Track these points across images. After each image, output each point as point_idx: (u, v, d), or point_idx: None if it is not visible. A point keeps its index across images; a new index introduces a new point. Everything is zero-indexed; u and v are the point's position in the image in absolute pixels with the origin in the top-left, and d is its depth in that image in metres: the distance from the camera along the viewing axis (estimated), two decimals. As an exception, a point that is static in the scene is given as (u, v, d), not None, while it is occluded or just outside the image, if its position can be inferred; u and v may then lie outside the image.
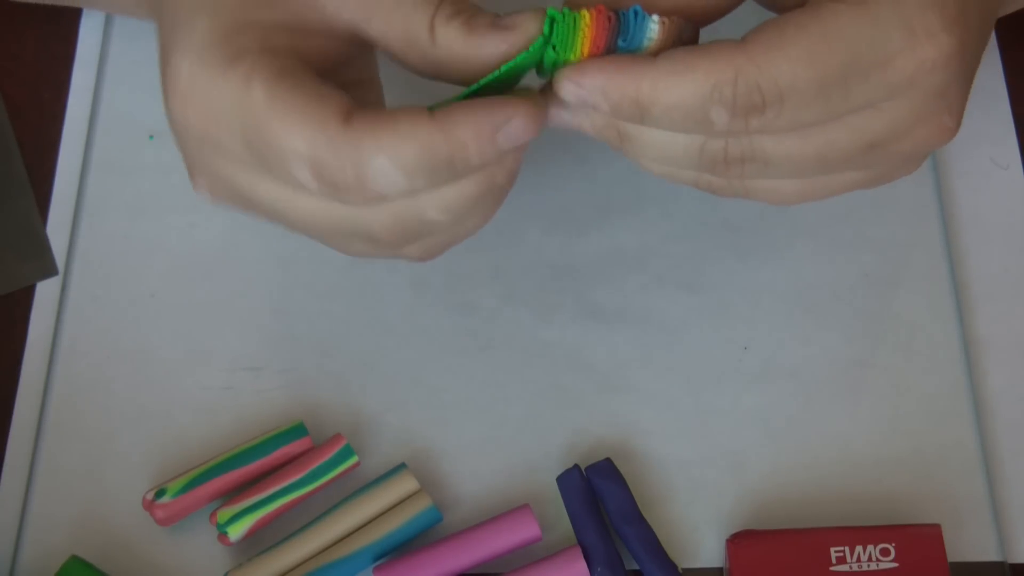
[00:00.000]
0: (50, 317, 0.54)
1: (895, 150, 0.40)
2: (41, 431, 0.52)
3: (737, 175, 0.40)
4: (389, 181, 0.37)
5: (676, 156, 0.40)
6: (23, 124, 0.58)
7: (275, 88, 0.37)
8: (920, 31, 0.37)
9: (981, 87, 0.58)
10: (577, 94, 0.38)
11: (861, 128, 0.39)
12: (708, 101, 0.37)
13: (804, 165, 0.39)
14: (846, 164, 0.40)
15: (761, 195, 0.42)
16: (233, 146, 0.38)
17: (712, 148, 0.39)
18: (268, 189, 0.39)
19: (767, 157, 0.39)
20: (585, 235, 0.55)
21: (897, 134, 0.39)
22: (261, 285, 0.54)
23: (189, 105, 0.38)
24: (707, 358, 0.53)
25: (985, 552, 0.49)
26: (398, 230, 0.39)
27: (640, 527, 0.48)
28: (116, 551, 0.49)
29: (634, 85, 0.37)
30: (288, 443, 0.50)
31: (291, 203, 0.39)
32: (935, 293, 0.54)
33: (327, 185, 0.37)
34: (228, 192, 0.41)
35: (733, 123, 0.37)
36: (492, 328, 0.53)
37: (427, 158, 0.37)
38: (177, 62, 0.38)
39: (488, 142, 0.37)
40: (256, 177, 0.39)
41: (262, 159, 0.38)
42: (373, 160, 0.37)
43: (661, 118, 0.38)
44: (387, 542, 0.48)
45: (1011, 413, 0.51)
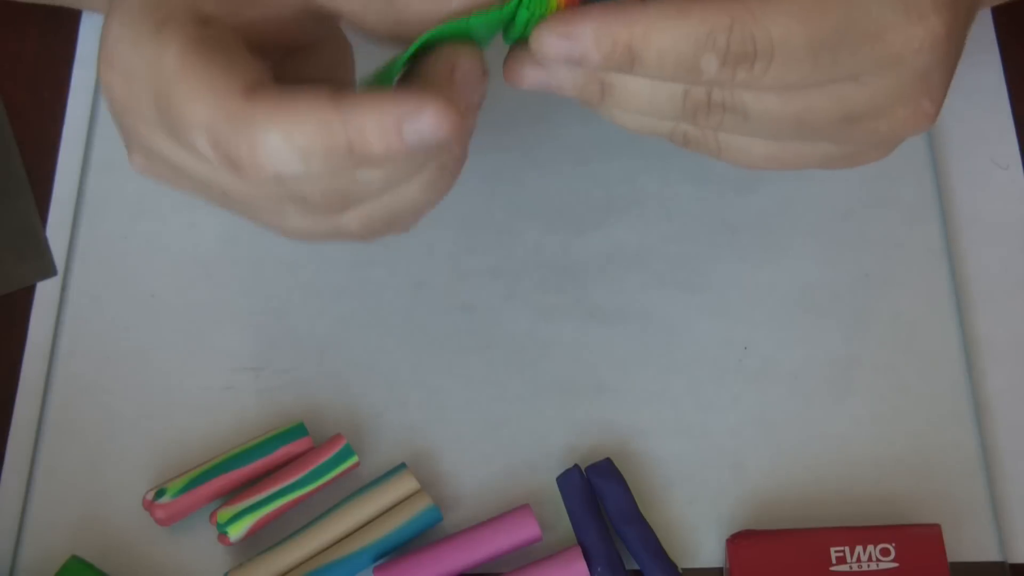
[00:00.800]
0: (50, 317, 0.54)
1: (872, 128, 0.40)
2: (41, 431, 0.52)
3: (715, 124, 0.39)
4: (283, 161, 0.36)
5: (660, 105, 0.39)
6: (23, 124, 0.58)
7: (187, 55, 0.36)
8: (913, 10, 0.37)
9: (981, 87, 0.58)
10: (562, 47, 0.37)
11: (842, 98, 0.38)
12: (702, 47, 0.36)
13: (781, 126, 0.39)
14: (821, 133, 0.40)
15: (732, 154, 0.41)
16: (148, 111, 0.37)
17: (696, 94, 0.39)
18: (193, 158, 0.38)
19: (747, 110, 0.39)
20: (585, 235, 0.55)
21: (876, 110, 0.39)
22: (261, 285, 0.54)
23: (112, 70, 0.38)
24: (707, 358, 0.53)
25: (985, 552, 0.49)
26: (328, 193, 0.38)
27: (640, 527, 0.48)
28: (116, 551, 0.49)
29: (627, 30, 0.36)
30: (288, 443, 0.50)
31: (216, 173, 0.38)
32: (935, 293, 0.54)
33: (224, 159, 0.36)
34: (161, 166, 0.40)
35: (721, 72, 0.37)
36: (492, 328, 0.53)
37: (323, 143, 0.35)
38: (107, 27, 0.38)
39: (392, 135, 0.35)
40: (172, 144, 0.38)
41: (170, 128, 0.37)
42: (266, 137, 0.35)
43: (652, 65, 0.37)
44: (387, 542, 0.48)
45: (1011, 413, 0.51)
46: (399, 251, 0.55)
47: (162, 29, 0.37)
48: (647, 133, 0.41)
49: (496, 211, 0.56)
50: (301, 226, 0.40)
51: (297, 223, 0.40)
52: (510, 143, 0.57)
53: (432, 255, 0.55)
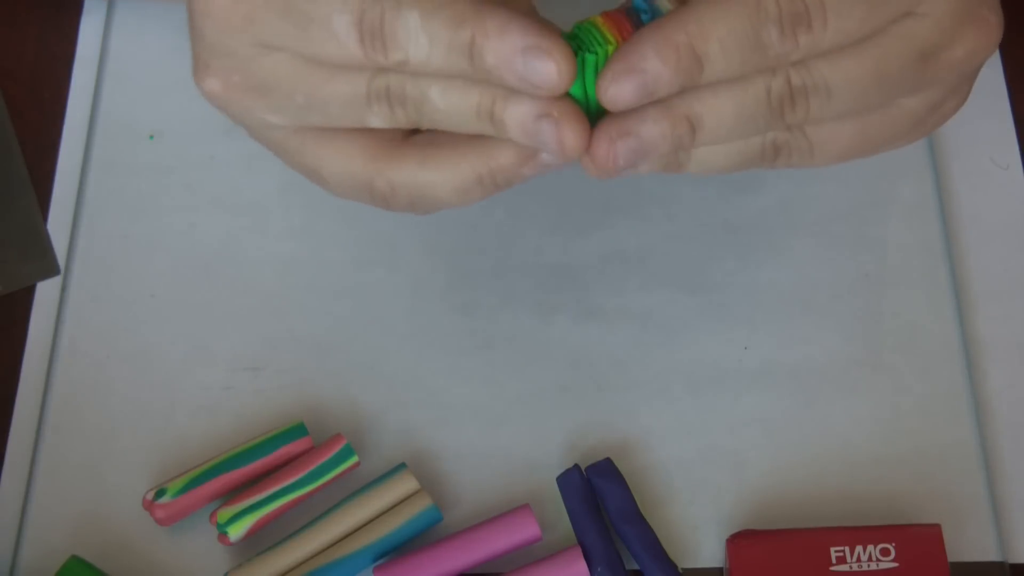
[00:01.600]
0: (50, 317, 0.54)
1: (948, 59, 0.40)
2: (41, 431, 0.52)
3: (803, 114, 0.39)
4: (415, 42, 0.37)
5: (749, 113, 0.39)
6: (23, 124, 0.58)
7: None
8: None
9: (981, 87, 0.58)
10: (633, 84, 0.37)
11: (909, 35, 0.38)
12: (757, 21, 0.36)
13: (864, 88, 0.39)
14: (904, 84, 0.39)
15: (825, 147, 0.41)
16: (266, 16, 0.39)
17: (778, 86, 0.38)
18: (291, 67, 0.39)
19: (828, 84, 0.38)
20: (585, 235, 0.55)
21: (946, 36, 0.39)
22: (261, 285, 0.54)
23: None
24: (707, 358, 0.53)
25: (985, 552, 0.49)
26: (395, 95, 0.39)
27: (640, 527, 0.48)
28: (116, 551, 0.49)
29: (682, 32, 0.36)
30: (288, 443, 0.50)
31: (305, 81, 0.39)
32: (935, 293, 0.54)
33: (365, 34, 0.37)
34: (243, 80, 0.40)
35: (785, 41, 0.37)
36: (492, 328, 0.53)
37: (453, 31, 0.37)
38: None
39: (509, 52, 0.36)
40: (280, 56, 0.39)
41: (302, 19, 0.38)
42: (409, 14, 0.37)
43: (717, 58, 0.37)
44: (387, 542, 0.48)
45: (1011, 413, 0.51)
46: (399, 251, 0.55)
47: None
48: (741, 165, 0.41)
49: (496, 211, 0.56)
50: (343, 168, 0.41)
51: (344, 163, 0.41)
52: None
53: (432, 255, 0.55)
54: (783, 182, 0.56)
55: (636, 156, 0.39)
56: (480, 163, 0.39)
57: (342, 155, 0.41)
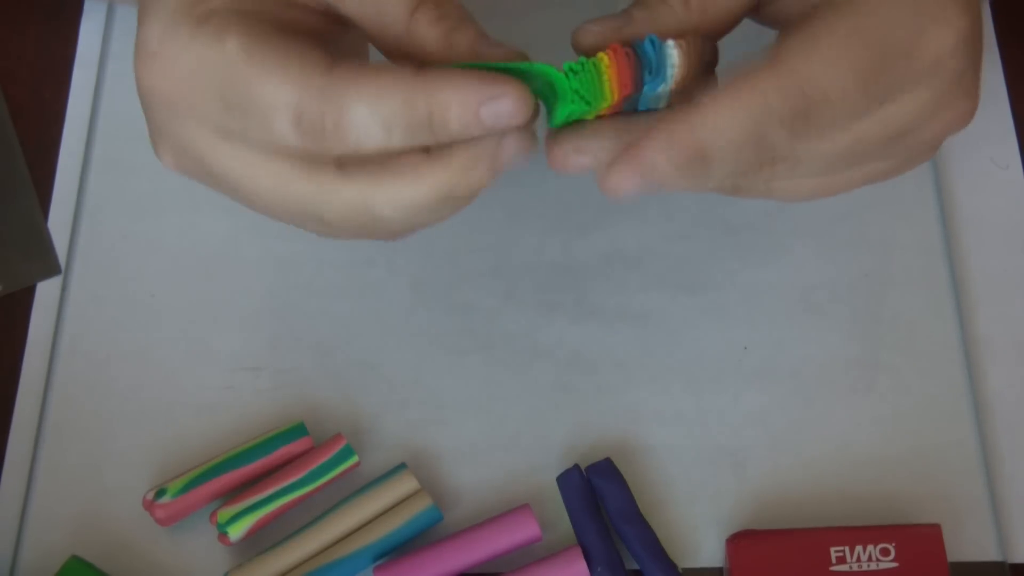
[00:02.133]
0: (50, 317, 0.54)
1: (919, 138, 0.40)
2: (41, 431, 0.52)
3: (767, 177, 0.40)
4: (367, 131, 0.36)
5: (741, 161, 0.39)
6: (23, 124, 0.58)
7: (251, 43, 0.37)
8: (940, 16, 0.38)
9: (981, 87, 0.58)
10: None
11: (889, 119, 0.39)
12: (764, 124, 0.36)
13: (834, 161, 0.39)
14: (872, 157, 0.40)
15: (780, 194, 0.42)
16: (206, 106, 0.38)
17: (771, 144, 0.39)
18: (234, 157, 0.39)
19: (799, 157, 0.39)
20: (585, 235, 0.55)
21: (922, 121, 0.39)
22: (261, 285, 0.54)
23: (158, 68, 0.38)
24: (707, 358, 0.53)
25: (985, 552, 0.49)
26: (349, 221, 0.39)
27: (640, 527, 0.48)
28: (116, 551, 0.49)
29: (690, 137, 0.36)
30: (288, 443, 0.50)
31: (254, 174, 0.39)
32: (935, 293, 0.54)
33: (306, 133, 0.37)
34: (192, 162, 0.40)
35: (791, 140, 0.37)
36: (492, 328, 0.53)
37: (407, 113, 0.36)
38: (148, 26, 0.38)
39: (471, 111, 0.36)
40: (223, 144, 0.39)
41: (240, 113, 0.37)
42: (353, 108, 0.36)
43: (726, 159, 0.37)
44: (387, 542, 0.48)
45: (1011, 413, 0.51)
46: (399, 251, 0.55)
47: (208, 22, 0.37)
48: (697, 191, 0.41)
49: (496, 211, 0.56)
50: (319, 232, 0.41)
51: (315, 229, 0.41)
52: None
53: (432, 255, 0.55)
54: (783, 182, 0.56)
55: (587, 169, 0.39)
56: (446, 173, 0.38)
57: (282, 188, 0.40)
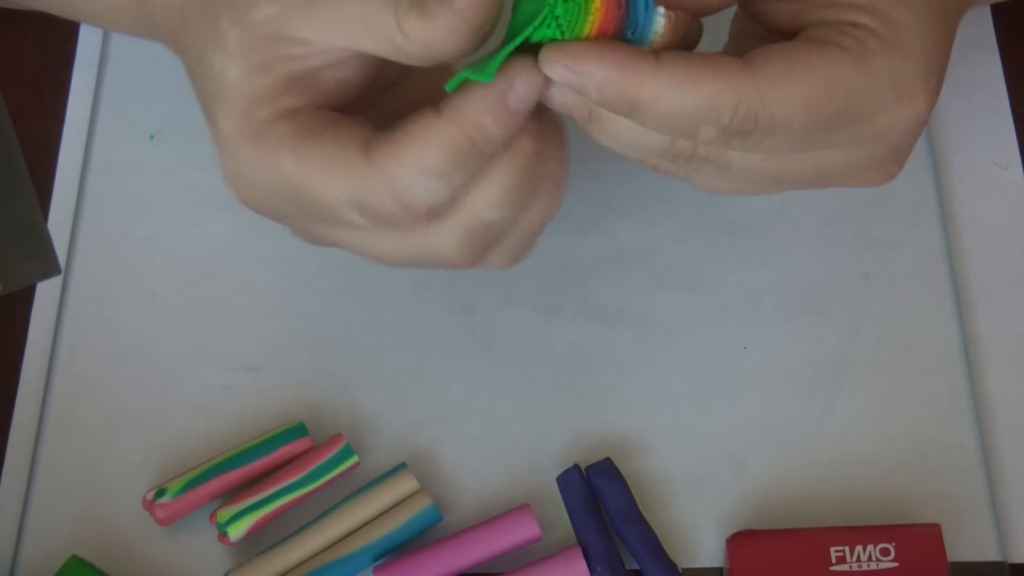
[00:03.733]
0: (50, 317, 0.54)
1: (839, 183, 0.41)
2: (41, 431, 0.52)
3: (694, 170, 0.41)
4: (428, 192, 0.38)
5: (644, 145, 0.40)
6: (23, 124, 0.58)
7: (300, 151, 0.38)
8: (906, 95, 0.39)
9: (981, 87, 0.58)
10: (567, 77, 0.37)
11: (820, 163, 0.40)
12: (704, 119, 0.37)
13: (758, 180, 0.41)
14: (796, 185, 0.41)
15: (698, 184, 0.42)
16: (291, 212, 0.40)
17: (682, 146, 0.40)
18: (340, 235, 0.41)
19: (729, 165, 0.40)
20: (585, 235, 0.55)
21: (848, 172, 0.41)
22: (261, 285, 0.54)
23: (245, 187, 0.40)
24: (707, 358, 0.53)
25: (985, 552, 0.49)
26: (466, 243, 0.40)
27: (640, 527, 0.48)
28: (116, 551, 0.49)
29: (635, 87, 0.37)
30: (288, 443, 0.50)
31: (365, 242, 0.40)
32: (935, 293, 0.54)
33: (377, 219, 0.38)
34: (313, 240, 0.42)
35: (717, 140, 0.38)
36: (492, 328, 0.53)
37: (452, 154, 0.37)
38: (222, 159, 0.40)
39: (502, 111, 0.37)
40: (325, 227, 0.41)
41: (319, 214, 0.39)
42: (404, 179, 0.37)
43: (651, 120, 0.38)
44: (387, 542, 0.48)
45: (1011, 413, 0.51)
46: (399, 251, 0.55)
47: (261, 142, 0.39)
48: (624, 158, 0.42)
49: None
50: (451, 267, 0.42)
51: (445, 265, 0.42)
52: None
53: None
54: (783, 182, 0.56)
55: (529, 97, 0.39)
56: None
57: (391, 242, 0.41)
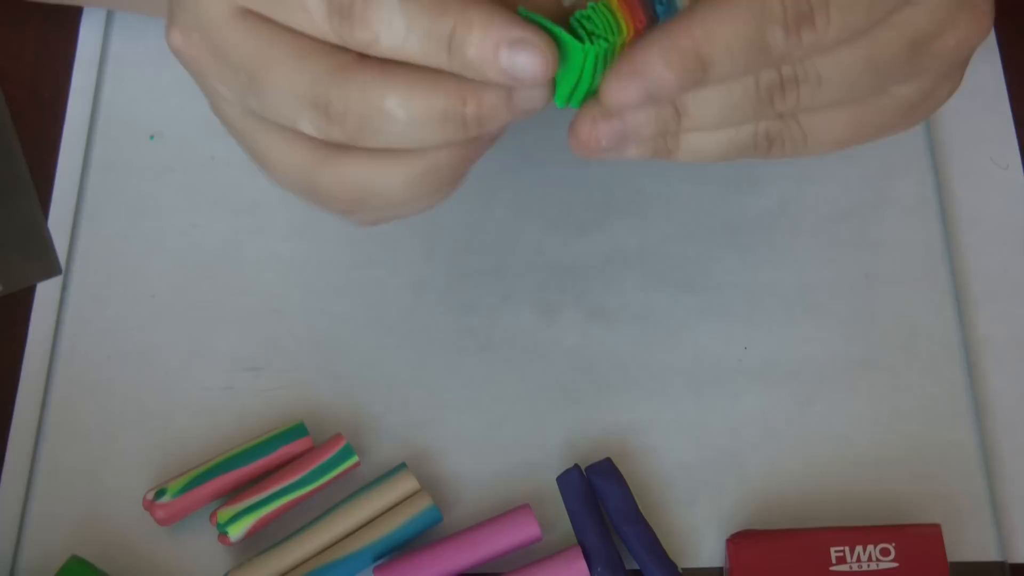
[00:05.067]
0: (50, 317, 0.54)
1: (940, 47, 0.39)
2: (41, 431, 0.52)
3: (793, 103, 0.39)
4: (389, 22, 0.36)
5: (737, 105, 0.38)
6: (23, 124, 0.58)
7: None
8: None
9: (981, 87, 0.58)
10: (637, 88, 0.36)
11: (905, 24, 0.38)
12: (763, 23, 0.36)
13: (856, 77, 0.39)
14: (895, 71, 0.39)
15: (819, 136, 0.40)
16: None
17: (767, 78, 0.38)
18: (250, 37, 0.38)
19: (819, 74, 0.38)
20: (585, 235, 0.55)
21: (940, 25, 0.39)
22: (261, 285, 0.54)
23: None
24: (707, 358, 0.53)
25: (985, 552, 0.49)
26: (357, 113, 0.37)
27: (640, 527, 0.48)
28: (116, 551, 0.49)
29: (688, 37, 0.36)
30: (288, 443, 0.50)
31: (271, 47, 0.38)
32: (935, 293, 0.54)
33: (333, 9, 0.36)
34: (203, 40, 0.39)
35: (789, 41, 0.36)
36: (492, 328, 0.53)
37: (433, 18, 0.36)
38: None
39: (492, 45, 0.36)
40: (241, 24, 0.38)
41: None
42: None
43: (724, 62, 0.36)
44: (387, 542, 0.48)
45: (1011, 413, 0.51)
46: (399, 251, 0.55)
47: None
48: (734, 154, 0.40)
49: (496, 211, 0.56)
50: (288, 157, 0.40)
51: (290, 150, 0.40)
52: (510, 143, 0.57)
53: (432, 255, 0.55)
54: (783, 182, 0.56)
55: (619, 138, 0.39)
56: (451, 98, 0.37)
57: (286, 143, 0.39)
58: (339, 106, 0.37)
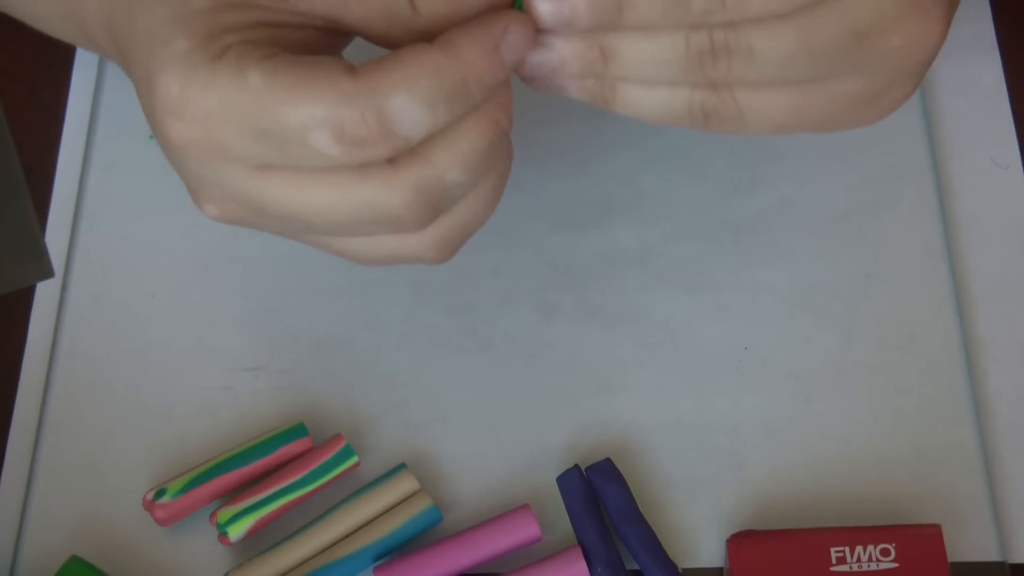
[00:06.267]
0: (50, 317, 0.54)
1: (884, 46, 0.39)
2: (41, 431, 0.52)
3: (724, 73, 0.38)
4: (412, 119, 0.36)
5: (665, 61, 0.38)
6: (23, 124, 0.58)
7: (272, 69, 0.36)
8: None
9: (981, 87, 0.58)
10: (551, 7, 0.38)
11: (844, 9, 0.38)
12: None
13: (791, 56, 0.38)
14: (836, 61, 0.39)
15: (757, 116, 0.40)
16: (240, 143, 0.37)
17: (698, 41, 0.38)
18: (281, 188, 0.38)
19: (752, 46, 0.38)
20: (585, 235, 0.55)
21: (884, 21, 0.38)
22: (261, 285, 0.54)
23: (186, 118, 0.37)
24: (707, 358, 0.53)
25: (985, 552, 0.49)
26: (421, 202, 0.38)
27: (640, 527, 0.48)
28: (116, 551, 0.49)
29: None
30: (288, 443, 0.50)
31: (308, 196, 0.38)
32: (935, 293, 0.54)
33: (351, 144, 0.36)
34: (239, 206, 0.40)
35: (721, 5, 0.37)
36: (492, 328, 0.53)
37: (442, 84, 0.36)
38: (164, 81, 0.37)
39: (496, 57, 0.37)
40: (267, 179, 0.38)
41: (277, 142, 0.37)
42: (391, 101, 0.36)
43: (639, 5, 0.37)
44: (387, 542, 0.48)
45: (1011, 413, 0.51)
46: (399, 251, 0.55)
47: (225, 60, 0.37)
48: (668, 118, 0.40)
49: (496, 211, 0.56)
50: (385, 249, 0.41)
51: (383, 247, 0.41)
52: (510, 143, 0.57)
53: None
54: (783, 182, 0.56)
55: (548, 69, 0.40)
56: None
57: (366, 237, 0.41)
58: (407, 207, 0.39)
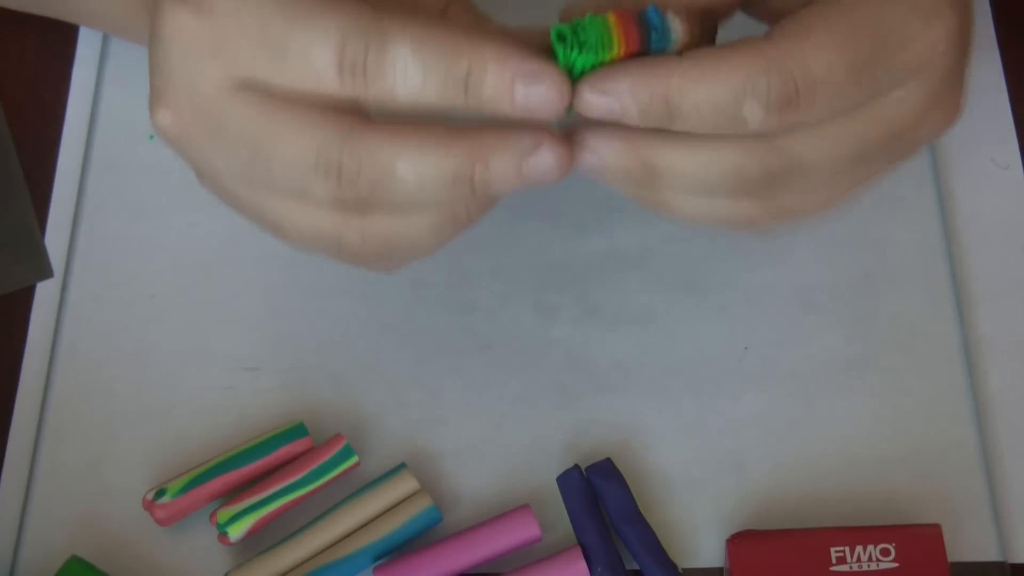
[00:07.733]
0: (50, 317, 0.54)
1: (915, 138, 0.40)
2: (41, 431, 0.52)
3: (774, 192, 0.39)
4: (405, 73, 0.36)
5: (710, 178, 0.38)
6: (23, 124, 0.58)
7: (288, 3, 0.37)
8: (931, 13, 0.38)
9: (981, 87, 0.58)
10: (601, 103, 0.37)
11: (888, 119, 0.39)
12: (741, 94, 0.36)
13: (840, 166, 0.39)
14: (875, 161, 0.40)
15: (793, 218, 0.41)
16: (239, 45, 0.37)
17: (747, 165, 0.38)
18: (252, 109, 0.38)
19: (804, 163, 0.38)
20: (585, 235, 0.55)
21: (918, 120, 0.40)
22: (261, 285, 0.54)
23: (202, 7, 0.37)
24: (707, 358, 0.53)
25: (985, 552, 0.49)
26: (367, 177, 0.37)
27: (640, 527, 0.48)
28: (116, 551, 0.49)
29: (663, 82, 0.36)
30: (288, 443, 0.50)
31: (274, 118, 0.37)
32: (935, 293, 0.54)
33: (345, 71, 0.36)
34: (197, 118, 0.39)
35: (768, 119, 0.37)
36: (492, 328, 0.53)
37: (448, 62, 0.36)
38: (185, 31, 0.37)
39: (507, 80, 0.36)
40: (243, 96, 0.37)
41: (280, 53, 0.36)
42: (398, 46, 0.36)
43: (692, 116, 0.37)
44: (387, 542, 0.48)
45: (1011, 413, 0.51)
46: (399, 251, 0.55)
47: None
48: (707, 222, 0.41)
49: (496, 211, 0.56)
50: (306, 221, 0.40)
51: (305, 215, 0.39)
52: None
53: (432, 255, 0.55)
54: (783, 182, 0.56)
55: (594, 172, 0.39)
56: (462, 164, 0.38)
57: (301, 209, 0.39)
58: (350, 172, 0.37)
